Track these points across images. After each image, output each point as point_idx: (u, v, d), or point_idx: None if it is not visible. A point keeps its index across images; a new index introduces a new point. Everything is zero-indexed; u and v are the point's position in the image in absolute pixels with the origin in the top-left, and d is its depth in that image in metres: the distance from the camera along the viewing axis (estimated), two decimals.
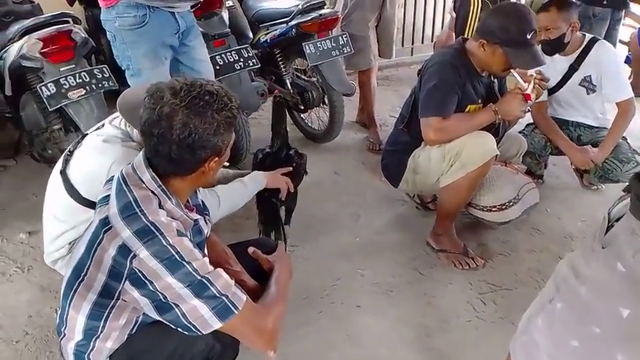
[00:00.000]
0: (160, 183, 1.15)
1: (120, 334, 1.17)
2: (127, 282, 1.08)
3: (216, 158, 1.17)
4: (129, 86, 2.09)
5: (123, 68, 2.23)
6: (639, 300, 0.85)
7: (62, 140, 2.54)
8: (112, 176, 1.22)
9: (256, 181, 1.90)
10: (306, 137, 3.38)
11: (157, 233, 1.08)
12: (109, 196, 1.17)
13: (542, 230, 2.45)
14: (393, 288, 2.09)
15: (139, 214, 1.09)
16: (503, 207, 2.16)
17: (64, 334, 1.21)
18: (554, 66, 2.50)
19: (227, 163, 1.51)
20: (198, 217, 1.27)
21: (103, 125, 1.70)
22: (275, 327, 1.18)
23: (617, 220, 0.94)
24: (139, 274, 1.06)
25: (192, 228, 1.23)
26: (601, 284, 0.91)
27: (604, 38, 2.76)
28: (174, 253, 1.07)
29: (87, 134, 1.71)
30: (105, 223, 1.12)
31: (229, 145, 1.20)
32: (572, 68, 2.51)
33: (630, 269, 0.86)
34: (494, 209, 2.17)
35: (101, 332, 1.15)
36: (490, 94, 2.19)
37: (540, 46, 2.29)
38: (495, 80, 2.23)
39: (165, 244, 1.07)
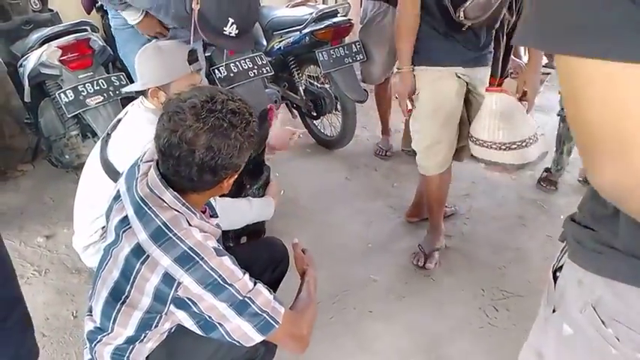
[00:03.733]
0: (184, 201, 1.12)
1: (161, 335, 1.20)
2: (171, 305, 1.08)
3: (235, 174, 1.18)
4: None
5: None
6: None
7: (80, 146, 2.59)
8: (142, 155, 1.21)
9: (267, 204, 1.78)
10: (319, 143, 3.41)
11: (198, 259, 1.05)
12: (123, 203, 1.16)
13: (555, 237, 2.43)
14: (405, 294, 2.09)
15: (175, 239, 1.06)
16: (524, 144, 1.91)
17: (100, 340, 1.21)
18: None
19: None
20: (218, 220, 1.28)
21: (126, 112, 1.74)
22: (309, 331, 1.22)
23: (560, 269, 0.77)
24: (184, 299, 1.07)
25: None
26: None
27: None
28: (217, 277, 1.06)
29: (120, 119, 1.74)
30: (139, 253, 1.08)
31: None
32: None
33: (579, 329, 0.71)
34: (513, 147, 1.92)
35: (144, 337, 1.17)
36: None
37: None
38: None
39: (207, 269, 1.05)
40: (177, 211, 1.10)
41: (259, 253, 1.53)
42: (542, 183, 2.84)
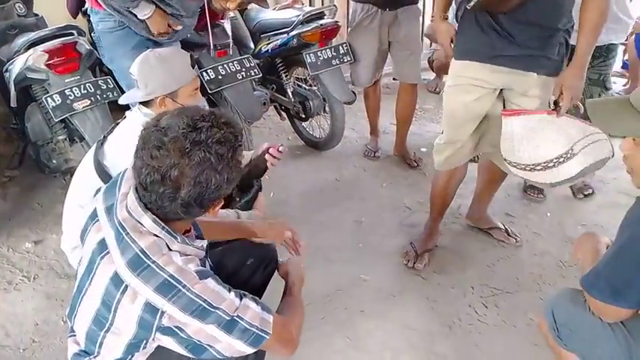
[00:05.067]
0: (164, 225, 1.05)
1: (151, 351, 1.16)
2: (157, 332, 1.05)
3: (222, 202, 1.12)
4: None
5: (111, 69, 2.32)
6: None
7: (67, 151, 2.57)
8: (123, 172, 1.15)
9: (252, 218, 1.77)
10: (308, 145, 3.41)
11: (180, 286, 1.01)
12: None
13: (543, 234, 2.47)
14: (395, 293, 2.11)
15: (154, 266, 1.00)
16: (551, 164, 1.76)
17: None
18: None
19: None
20: (203, 242, 1.17)
21: (125, 117, 1.74)
22: (298, 333, 1.23)
23: None
24: (170, 327, 1.04)
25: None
26: None
27: None
28: (202, 302, 1.02)
29: (118, 122, 1.74)
30: (117, 282, 1.03)
31: None
32: None
33: None
34: (538, 168, 1.79)
35: (132, 357, 1.13)
36: None
37: None
38: None
39: (191, 296, 1.01)
40: (157, 236, 1.04)
41: (249, 252, 1.53)
42: (529, 192, 2.77)
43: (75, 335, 1.20)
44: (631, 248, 1.10)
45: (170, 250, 1.05)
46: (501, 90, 1.94)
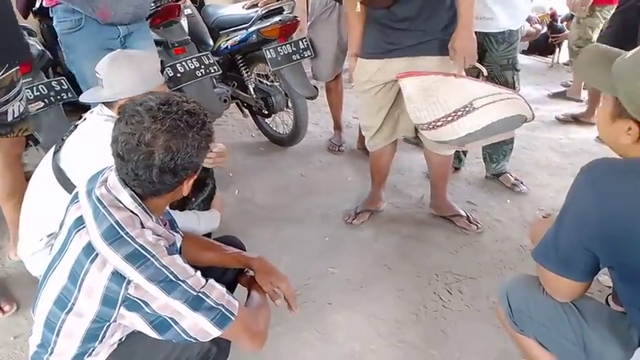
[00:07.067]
0: (140, 202, 1.12)
1: (111, 347, 1.17)
2: (122, 307, 1.06)
3: (194, 175, 1.17)
4: None
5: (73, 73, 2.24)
6: None
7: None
8: (104, 168, 1.19)
9: (213, 217, 1.82)
10: (272, 141, 3.41)
11: (149, 256, 1.05)
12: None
13: (504, 220, 2.55)
14: (363, 284, 2.13)
15: (126, 237, 1.05)
16: (449, 119, 1.84)
17: None
18: None
19: None
20: (176, 234, 1.25)
21: (84, 119, 1.68)
22: (266, 328, 1.23)
23: None
24: (135, 299, 1.05)
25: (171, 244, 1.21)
26: None
27: None
28: (168, 274, 1.06)
29: (77, 124, 1.69)
30: (89, 251, 1.06)
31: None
32: None
33: None
34: (439, 124, 1.88)
35: (93, 350, 1.14)
36: None
37: None
38: None
39: (159, 265, 1.05)
40: (133, 212, 1.10)
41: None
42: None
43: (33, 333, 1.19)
44: (568, 211, 1.13)
45: (143, 227, 1.10)
46: None
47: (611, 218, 1.04)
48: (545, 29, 5.43)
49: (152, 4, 2.35)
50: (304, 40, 2.98)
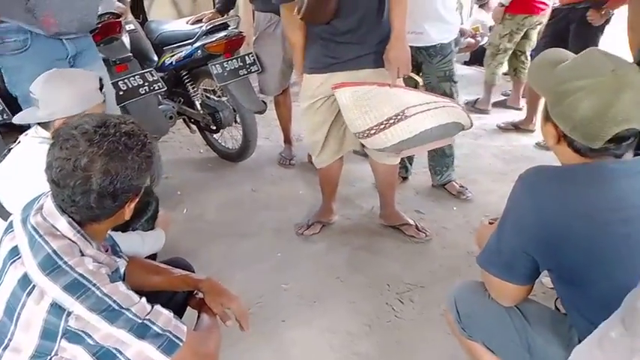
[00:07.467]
0: (79, 228, 1.07)
1: None
2: (63, 340, 1.00)
3: (136, 198, 1.14)
4: None
5: (15, 96, 2.12)
6: None
7: None
8: (40, 195, 1.14)
9: (158, 237, 1.77)
10: (221, 157, 3.37)
11: (90, 285, 1.00)
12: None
13: (451, 227, 2.62)
14: (316, 299, 2.13)
15: (64, 266, 1.00)
16: (382, 127, 1.91)
17: None
18: None
19: None
20: (118, 259, 1.21)
21: (19, 142, 1.60)
22: (216, 351, 1.21)
23: None
24: (77, 330, 1.00)
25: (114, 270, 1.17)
26: None
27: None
28: (111, 302, 1.01)
29: (11, 148, 1.61)
30: (25, 283, 1.01)
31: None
32: None
33: None
34: (372, 132, 1.95)
35: None
36: None
37: None
38: None
39: (100, 295, 1.01)
40: (71, 240, 1.05)
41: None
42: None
43: None
44: (508, 217, 1.19)
45: (83, 255, 1.05)
46: None
47: (546, 222, 1.09)
48: (485, 40, 5.66)
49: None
50: (250, 55, 2.97)
